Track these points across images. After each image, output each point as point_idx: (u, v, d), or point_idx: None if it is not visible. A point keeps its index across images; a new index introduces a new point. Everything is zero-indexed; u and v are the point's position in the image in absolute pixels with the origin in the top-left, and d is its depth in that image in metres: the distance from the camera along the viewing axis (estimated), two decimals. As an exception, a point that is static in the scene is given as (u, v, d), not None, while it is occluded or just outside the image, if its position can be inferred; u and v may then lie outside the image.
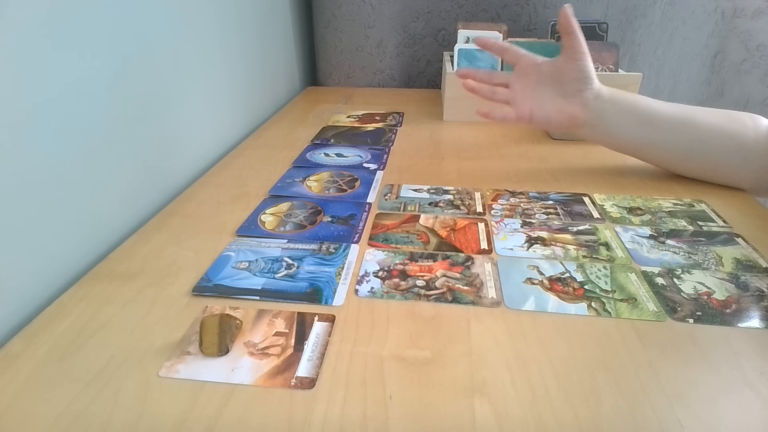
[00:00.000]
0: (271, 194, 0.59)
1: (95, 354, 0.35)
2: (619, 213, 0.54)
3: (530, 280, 0.43)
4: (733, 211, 0.54)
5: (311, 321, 0.38)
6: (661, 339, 0.36)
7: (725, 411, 0.30)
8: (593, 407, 0.31)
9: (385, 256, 0.46)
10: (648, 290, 0.41)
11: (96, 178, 0.47)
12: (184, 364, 0.34)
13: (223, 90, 0.74)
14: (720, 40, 1.05)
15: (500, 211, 0.55)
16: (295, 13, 1.06)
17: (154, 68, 0.56)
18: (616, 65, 0.86)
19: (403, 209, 0.55)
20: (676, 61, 1.07)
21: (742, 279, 0.43)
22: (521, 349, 0.35)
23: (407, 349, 0.35)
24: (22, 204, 0.40)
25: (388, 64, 1.09)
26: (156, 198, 0.57)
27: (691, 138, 0.58)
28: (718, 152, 0.58)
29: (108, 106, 0.48)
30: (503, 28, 0.93)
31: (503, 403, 0.31)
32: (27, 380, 0.33)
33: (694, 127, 0.58)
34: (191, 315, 0.39)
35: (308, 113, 0.92)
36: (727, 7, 1.02)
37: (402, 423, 0.30)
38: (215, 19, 0.70)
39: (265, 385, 0.32)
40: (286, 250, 0.47)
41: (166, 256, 0.47)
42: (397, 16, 1.04)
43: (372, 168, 0.67)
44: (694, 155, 0.59)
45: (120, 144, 0.51)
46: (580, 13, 1.00)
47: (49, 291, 0.43)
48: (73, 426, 0.30)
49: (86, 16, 0.45)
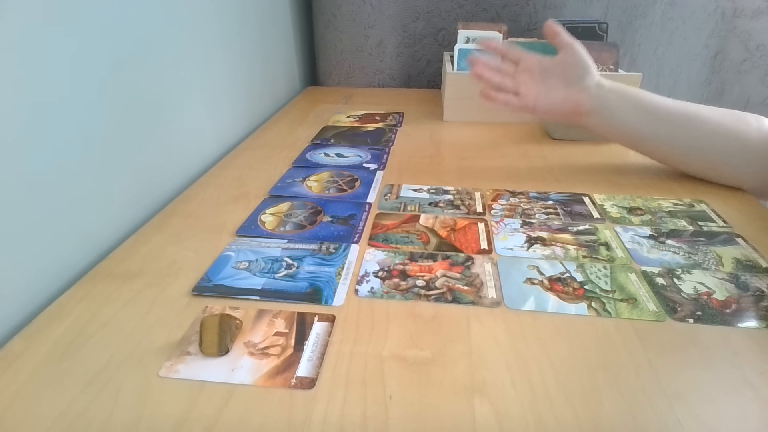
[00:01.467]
0: (271, 194, 0.59)
1: (95, 354, 0.35)
2: (619, 213, 0.54)
3: (530, 280, 0.43)
4: (733, 211, 0.54)
5: (311, 321, 0.38)
6: (661, 339, 0.36)
7: (725, 411, 0.30)
8: (593, 407, 0.31)
9: (385, 256, 0.46)
10: (648, 290, 0.41)
11: (96, 178, 0.47)
12: (184, 364, 0.34)
13: (224, 90, 0.74)
14: (720, 40, 1.05)
15: (500, 211, 0.55)
16: (295, 13, 1.06)
17: (155, 69, 0.56)
18: (616, 65, 0.86)
19: (403, 209, 0.55)
20: (676, 61, 1.07)
21: (742, 279, 0.43)
22: (521, 349, 0.35)
23: (407, 349, 0.35)
24: (23, 204, 0.39)
25: (388, 64, 1.09)
26: (156, 198, 0.57)
27: (695, 135, 0.58)
28: (721, 151, 0.58)
29: (108, 107, 0.48)
30: (503, 28, 0.93)
31: (503, 403, 0.31)
32: (27, 380, 0.33)
33: (699, 124, 0.58)
34: (191, 315, 0.39)
35: (308, 113, 0.92)
36: (727, 7, 1.02)
37: (402, 423, 0.30)
38: (215, 19, 0.70)
39: (265, 385, 0.32)
40: (286, 250, 0.47)
41: (166, 256, 0.47)
42: (397, 16, 1.04)
43: (372, 168, 0.67)
44: (698, 152, 0.59)
45: (120, 144, 0.51)
46: (580, 13, 1.00)
47: (49, 291, 0.43)
48: (73, 426, 0.30)
49: (86, 17, 0.45)
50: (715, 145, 0.58)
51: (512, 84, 0.62)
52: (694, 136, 0.58)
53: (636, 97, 0.60)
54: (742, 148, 0.57)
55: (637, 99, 0.60)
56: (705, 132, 0.58)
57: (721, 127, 0.57)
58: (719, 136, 0.57)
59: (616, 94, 0.60)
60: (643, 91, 0.60)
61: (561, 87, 0.61)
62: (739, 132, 0.57)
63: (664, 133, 0.59)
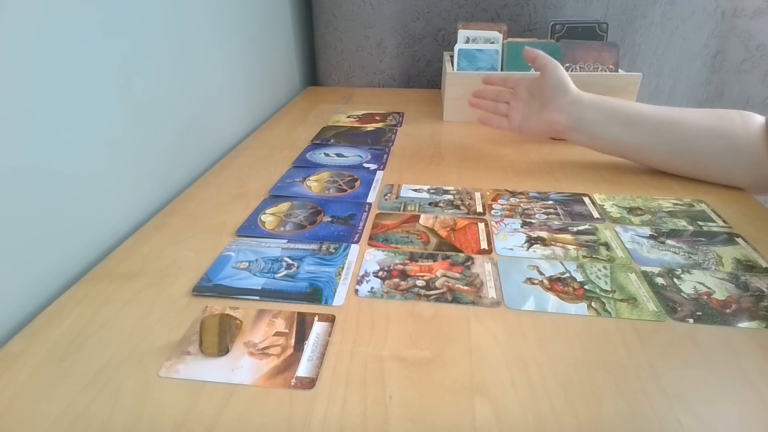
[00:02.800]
0: (271, 194, 0.59)
1: (95, 354, 0.35)
2: (619, 213, 0.54)
3: (530, 280, 0.43)
4: (733, 211, 0.54)
5: (311, 321, 0.38)
6: (661, 339, 0.36)
7: (725, 411, 0.30)
8: (593, 407, 0.31)
9: (385, 256, 0.46)
10: (648, 290, 0.41)
11: (95, 178, 0.47)
12: (184, 364, 0.34)
13: (224, 90, 0.74)
14: (720, 40, 1.05)
15: (500, 211, 0.55)
16: (295, 13, 1.06)
17: (154, 69, 0.56)
18: (616, 65, 0.86)
19: (403, 209, 0.55)
20: (676, 61, 1.07)
21: (742, 279, 0.43)
22: (521, 349, 0.35)
23: (407, 349, 0.35)
24: (23, 204, 0.40)
25: (388, 64, 1.09)
26: (156, 198, 0.57)
27: (677, 138, 0.59)
28: (707, 152, 0.58)
29: (108, 107, 0.48)
30: (503, 28, 0.93)
31: (503, 403, 0.31)
32: (27, 380, 0.33)
33: (681, 128, 0.58)
34: (191, 315, 0.39)
35: (308, 113, 0.92)
36: (727, 7, 1.02)
37: (402, 423, 0.30)
38: (215, 19, 0.70)
39: (265, 385, 0.32)
40: (286, 250, 0.47)
41: (166, 256, 0.47)
42: (397, 16, 1.04)
43: (372, 168, 0.67)
44: (683, 155, 0.60)
45: (120, 144, 0.51)
46: (580, 13, 1.00)
47: (49, 291, 0.43)
48: (73, 426, 0.30)
49: (85, 16, 0.45)
50: (702, 146, 0.58)
51: (505, 108, 0.71)
52: (678, 140, 0.59)
53: (614, 110, 0.61)
54: (730, 147, 0.57)
55: (615, 112, 0.61)
56: (689, 135, 0.58)
57: (704, 128, 0.57)
58: (704, 138, 0.57)
59: (594, 109, 0.62)
60: (622, 102, 0.62)
61: (538, 109, 0.67)
62: (725, 131, 0.57)
63: (647, 141, 0.60)
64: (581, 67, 0.86)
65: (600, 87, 0.84)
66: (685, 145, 0.59)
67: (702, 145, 0.58)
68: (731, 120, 0.57)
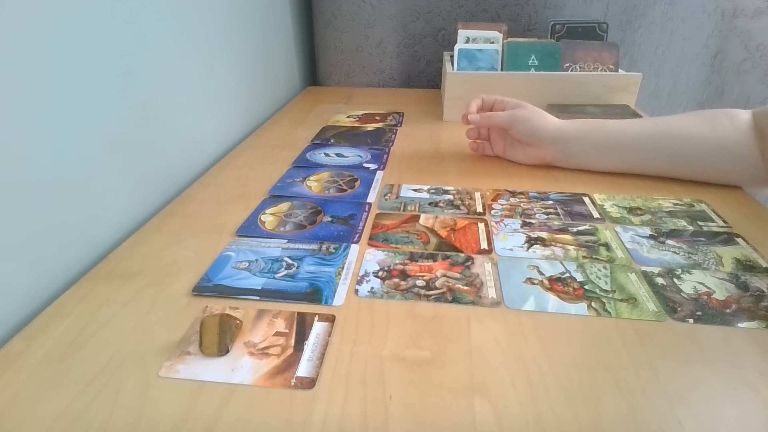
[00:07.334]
0: (271, 194, 0.59)
1: (95, 354, 0.35)
2: (619, 213, 0.54)
3: (530, 280, 0.43)
4: (733, 211, 0.54)
5: (311, 321, 0.38)
6: (661, 339, 0.36)
7: (725, 411, 0.30)
8: (593, 407, 0.31)
9: (385, 256, 0.46)
10: (648, 290, 0.41)
11: (96, 178, 0.47)
12: (184, 364, 0.34)
13: (224, 90, 0.74)
14: (720, 40, 1.05)
15: (500, 211, 0.55)
16: (295, 13, 1.06)
17: (155, 68, 0.56)
18: (616, 65, 0.86)
19: (403, 209, 0.55)
20: (676, 61, 1.07)
21: (742, 279, 0.43)
22: (521, 349, 0.35)
23: (407, 349, 0.35)
24: (23, 204, 0.39)
25: (388, 64, 1.09)
26: (156, 198, 0.57)
27: (670, 153, 0.59)
28: (702, 159, 0.58)
29: (108, 107, 0.48)
30: (503, 28, 0.93)
31: (503, 403, 0.31)
32: (27, 380, 0.33)
33: (671, 141, 0.58)
34: (191, 315, 0.39)
35: (308, 113, 0.92)
36: (727, 7, 1.02)
37: (402, 423, 0.30)
38: (215, 19, 0.70)
39: (265, 385, 0.32)
40: (286, 250, 0.47)
41: (166, 256, 0.47)
42: (397, 16, 1.04)
43: (372, 168, 0.67)
44: (680, 167, 0.60)
45: (120, 144, 0.51)
46: (580, 13, 1.00)
47: (48, 291, 0.43)
48: (73, 426, 0.30)
49: (86, 16, 0.45)
50: (696, 158, 0.58)
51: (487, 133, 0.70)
52: (671, 154, 0.59)
53: (599, 139, 0.61)
54: (723, 151, 0.57)
55: (601, 140, 0.61)
56: (681, 148, 0.58)
57: (694, 137, 0.57)
58: (696, 147, 0.57)
59: (577, 141, 0.62)
60: (605, 126, 0.62)
61: (522, 146, 0.66)
62: (715, 136, 0.57)
63: (639, 160, 0.61)
64: (581, 67, 0.86)
65: (600, 87, 0.84)
66: (678, 160, 0.59)
67: (696, 157, 0.58)
68: (720, 123, 0.57)
